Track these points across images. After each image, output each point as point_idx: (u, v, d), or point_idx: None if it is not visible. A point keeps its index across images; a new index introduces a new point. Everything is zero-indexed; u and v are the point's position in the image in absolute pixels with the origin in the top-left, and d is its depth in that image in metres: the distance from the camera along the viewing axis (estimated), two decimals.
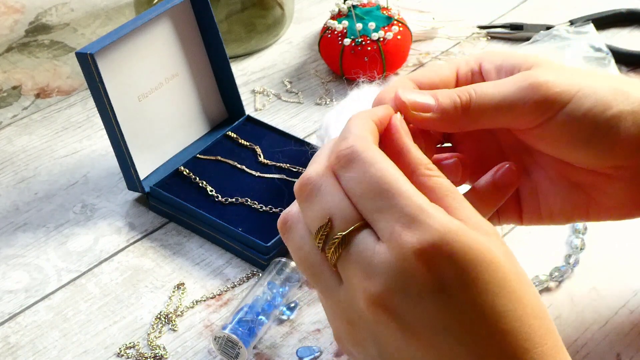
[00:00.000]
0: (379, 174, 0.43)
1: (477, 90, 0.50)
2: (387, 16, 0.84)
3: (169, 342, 0.61)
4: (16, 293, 0.65)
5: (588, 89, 0.50)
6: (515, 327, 0.41)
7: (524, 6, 0.97)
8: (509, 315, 0.41)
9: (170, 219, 0.71)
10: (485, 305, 0.41)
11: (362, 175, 0.43)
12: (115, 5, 0.98)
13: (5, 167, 0.77)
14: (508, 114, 0.50)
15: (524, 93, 0.50)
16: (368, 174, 0.43)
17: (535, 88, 0.50)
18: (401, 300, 0.41)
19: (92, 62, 0.65)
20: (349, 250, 0.43)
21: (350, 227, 0.43)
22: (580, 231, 0.67)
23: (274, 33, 0.90)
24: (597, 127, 0.50)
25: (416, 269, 0.41)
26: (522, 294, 0.42)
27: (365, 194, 0.43)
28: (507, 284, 0.41)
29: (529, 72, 0.51)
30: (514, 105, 0.50)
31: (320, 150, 0.47)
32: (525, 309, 0.42)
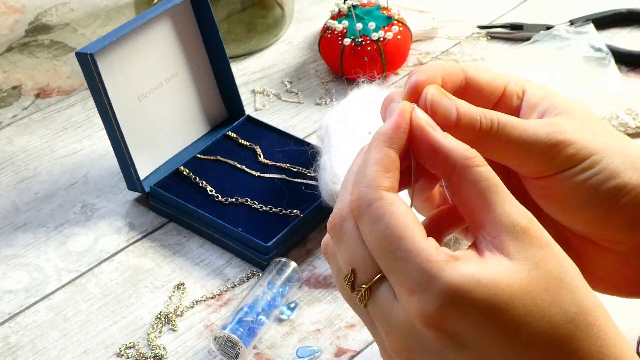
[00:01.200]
0: (385, 232, 0.42)
1: (501, 121, 0.48)
2: (387, 16, 0.84)
3: (169, 342, 0.61)
4: (16, 293, 0.65)
5: (602, 154, 0.48)
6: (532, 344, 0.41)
7: (524, 6, 0.97)
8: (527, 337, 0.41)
9: (170, 219, 0.71)
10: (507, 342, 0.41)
11: (371, 230, 0.43)
12: (115, 5, 0.98)
13: (5, 167, 0.77)
14: (521, 157, 0.49)
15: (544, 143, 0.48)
16: (375, 231, 0.43)
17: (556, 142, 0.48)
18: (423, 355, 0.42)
19: (92, 62, 0.65)
20: (374, 300, 0.44)
21: (370, 280, 0.43)
22: None
23: (274, 33, 0.90)
24: (596, 193, 0.48)
25: (426, 334, 0.41)
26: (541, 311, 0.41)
27: (376, 251, 0.43)
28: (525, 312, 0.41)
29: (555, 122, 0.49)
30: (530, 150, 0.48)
31: (347, 176, 0.47)
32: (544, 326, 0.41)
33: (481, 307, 0.40)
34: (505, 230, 0.42)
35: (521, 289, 0.41)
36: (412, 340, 0.42)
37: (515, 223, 0.42)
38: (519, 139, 0.48)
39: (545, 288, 0.41)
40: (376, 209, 0.43)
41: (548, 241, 0.42)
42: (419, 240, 0.42)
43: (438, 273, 0.41)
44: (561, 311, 0.41)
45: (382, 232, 0.42)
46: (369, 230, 0.43)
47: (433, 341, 0.41)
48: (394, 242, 0.42)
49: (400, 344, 0.43)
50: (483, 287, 0.40)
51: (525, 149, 0.48)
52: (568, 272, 0.42)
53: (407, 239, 0.42)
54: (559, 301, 0.41)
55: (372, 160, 0.44)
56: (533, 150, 0.48)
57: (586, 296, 0.42)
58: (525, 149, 0.48)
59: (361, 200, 0.43)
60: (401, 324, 0.42)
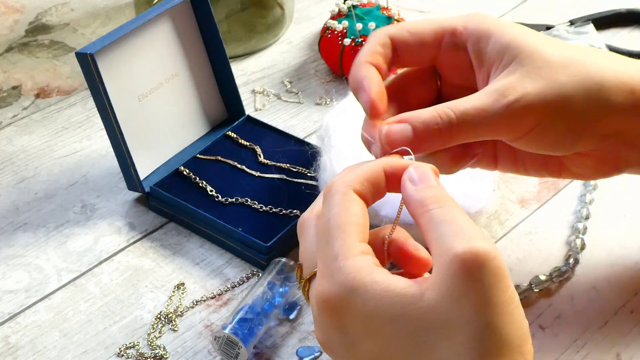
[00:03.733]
0: (330, 218, 0.47)
1: (456, 112, 0.51)
2: (387, 16, 0.84)
3: (169, 342, 0.61)
4: (16, 293, 0.65)
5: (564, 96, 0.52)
6: None
7: (524, 6, 0.97)
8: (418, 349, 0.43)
9: (170, 219, 0.71)
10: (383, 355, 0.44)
11: (323, 213, 0.47)
12: (115, 5, 0.98)
13: (5, 167, 0.76)
14: (488, 134, 0.53)
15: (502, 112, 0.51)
16: (326, 214, 0.47)
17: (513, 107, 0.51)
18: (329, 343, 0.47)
19: (92, 62, 0.65)
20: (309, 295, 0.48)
21: (310, 273, 0.48)
22: (580, 231, 0.67)
23: (274, 33, 0.90)
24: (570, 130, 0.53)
25: (326, 318, 0.45)
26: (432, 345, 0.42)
27: (318, 233, 0.48)
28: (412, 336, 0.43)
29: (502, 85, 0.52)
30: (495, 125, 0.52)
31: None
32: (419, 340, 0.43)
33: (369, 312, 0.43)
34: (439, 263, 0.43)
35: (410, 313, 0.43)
36: (320, 327, 0.47)
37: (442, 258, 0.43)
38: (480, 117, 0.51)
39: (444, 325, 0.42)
40: (337, 198, 0.47)
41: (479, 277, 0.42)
42: (352, 239, 0.46)
43: (347, 268, 0.44)
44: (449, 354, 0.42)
45: (329, 218, 0.46)
46: (324, 212, 0.47)
47: (331, 330, 0.45)
48: (332, 228, 0.46)
49: (317, 332, 0.47)
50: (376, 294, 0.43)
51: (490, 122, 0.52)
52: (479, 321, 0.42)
53: (343, 231, 0.46)
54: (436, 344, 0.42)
55: (361, 167, 0.49)
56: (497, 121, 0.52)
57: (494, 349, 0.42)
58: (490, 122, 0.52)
59: (333, 187, 0.48)
60: (313, 311, 0.47)
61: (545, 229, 0.68)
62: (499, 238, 0.68)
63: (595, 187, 0.71)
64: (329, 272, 0.45)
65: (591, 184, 0.71)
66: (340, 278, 0.44)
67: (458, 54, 0.56)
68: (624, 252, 0.66)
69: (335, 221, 0.46)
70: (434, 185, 0.47)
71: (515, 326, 0.42)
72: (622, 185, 0.72)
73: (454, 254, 0.42)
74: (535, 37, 0.54)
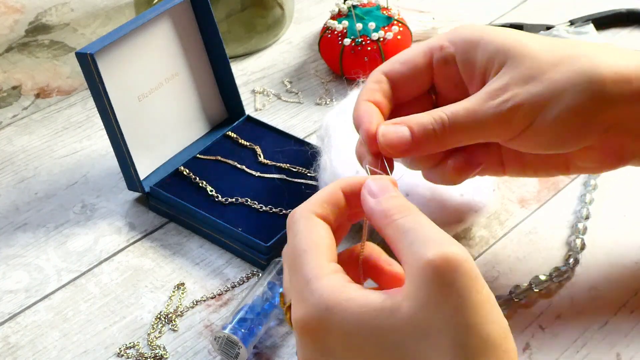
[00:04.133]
0: (296, 244, 0.47)
1: (450, 117, 0.53)
2: (387, 16, 0.84)
3: (169, 342, 0.61)
4: (16, 293, 0.65)
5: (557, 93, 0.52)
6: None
7: (524, 6, 0.97)
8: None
9: (170, 219, 0.71)
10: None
11: (288, 241, 0.48)
12: (115, 5, 0.98)
13: (5, 167, 0.77)
14: (482, 137, 0.54)
15: (492, 113, 0.52)
16: (289, 241, 0.48)
17: (502, 107, 0.52)
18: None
19: (92, 62, 0.65)
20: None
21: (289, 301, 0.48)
22: (580, 231, 0.67)
23: (274, 33, 0.90)
24: (567, 127, 0.53)
25: (303, 339, 0.46)
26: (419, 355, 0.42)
27: (286, 261, 0.48)
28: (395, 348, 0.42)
29: (493, 88, 0.53)
30: (487, 129, 0.53)
31: None
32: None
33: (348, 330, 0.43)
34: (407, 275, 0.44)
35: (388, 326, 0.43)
36: (300, 350, 0.46)
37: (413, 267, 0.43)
38: (473, 120, 0.52)
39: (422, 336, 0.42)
40: (301, 224, 0.47)
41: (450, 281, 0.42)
42: (321, 260, 0.46)
43: (319, 288, 0.44)
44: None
45: (294, 244, 0.47)
46: (289, 239, 0.48)
47: (312, 352, 0.45)
48: (298, 253, 0.46)
49: (299, 356, 0.47)
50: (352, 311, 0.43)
51: (484, 124, 0.53)
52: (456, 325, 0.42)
53: (309, 253, 0.46)
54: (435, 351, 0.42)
55: (320, 192, 0.50)
56: (491, 122, 0.52)
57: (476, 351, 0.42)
58: (484, 124, 0.53)
59: (292, 215, 0.48)
60: (295, 334, 0.47)
61: (545, 229, 0.68)
62: (499, 238, 0.68)
63: (595, 187, 0.71)
64: (302, 297, 0.45)
65: (591, 184, 0.71)
66: (315, 300, 0.44)
67: (449, 68, 0.57)
68: (624, 252, 0.66)
69: (302, 246, 0.46)
70: (395, 195, 0.47)
71: (495, 325, 0.42)
72: (622, 185, 0.72)
73: (425, 260, 0.42)
74: (525, 38, 0.54)
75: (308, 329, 0.45)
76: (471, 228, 0.68)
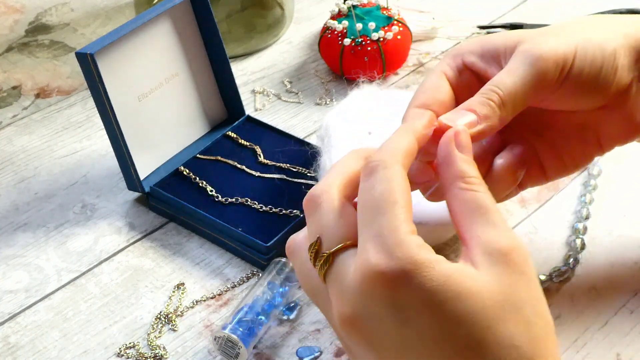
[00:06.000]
0: (382, 191, 0.45)
1: (499, 85, 0.52)
2: (387, 16, 0.84)
3: (169, 342, 0.61)
4: (16, 293, 0.65)
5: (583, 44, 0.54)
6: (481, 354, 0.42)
7: (523, 6, 0.97)
8: (477, 343, 0.42)
9: (170, 219, 0.71)
10: (445, 332, 0.42)
11: (372, 187, 0.45)
12: (115, 5, 0.98)
13: (5, 167, 0.77)
14: (532, 93, 0.53)
15: (538, 69, 0.53)
16: (375, 188, 0.45)
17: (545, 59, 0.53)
18: (367, 321, 0.43)
19: (92, 62, 0.65)
20: (332, 270, 0.45)
21: (335, 246, 0.45)
22: (580, 231, 0.67)
23: (274, 33, 0.90)
24: (599, 76, 0.54)
25: (376, 290, 0.43)
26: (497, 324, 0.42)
27: (364, 208, 0.45)
28: (478, 313, 0.42)
29: (527, 49, 0.53)
30: (534, 82, 0.53)
31: (332, 167, 0.50)
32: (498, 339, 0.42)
33: (433, 288, 0.42)
34: (480, 249, 0.44)
35: (477, 290, 0.42)
36: (361, 302, 0.43)
37: (493, 247, 0.44)
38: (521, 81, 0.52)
39: (502, 306, 0.42)
40: (392, 172, 0.46)
41: (525, 270, 0.44)
42: (408, 214, 0.45)
43: (408, 244, 0.43)
44: (508, 334, 0.42)
45: (385, 190, 0.45)
46: (371, 186, 0.45)
47: (380, 306, 0.43)
48: (387, 201, 0.44)
49: (349, 308, 0.44)
50: (440, 272, 0.42)
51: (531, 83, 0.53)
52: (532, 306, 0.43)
53: (399, 207, 0.44)
54: (510, 325, 0.42)
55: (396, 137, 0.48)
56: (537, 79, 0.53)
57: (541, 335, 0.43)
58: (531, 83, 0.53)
59: (377, 162, 0.46)
60: (355, 285, 0.43)
61: (545, 229, 0.68)
62: None
63: (595, 187, 0.71)
64: (385, 246, 0.43)
65: (591, 184, 0.71)
66: (402, 253, 0.42)
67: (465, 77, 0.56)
68: (624, 252, 0.66)
69: (393, 196, 0.45)
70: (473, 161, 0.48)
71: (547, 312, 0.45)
72: (622, 185, 0.72)
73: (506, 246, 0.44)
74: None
75: (385, 279, 0.42)
76: None
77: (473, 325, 0.42)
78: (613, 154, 0.62)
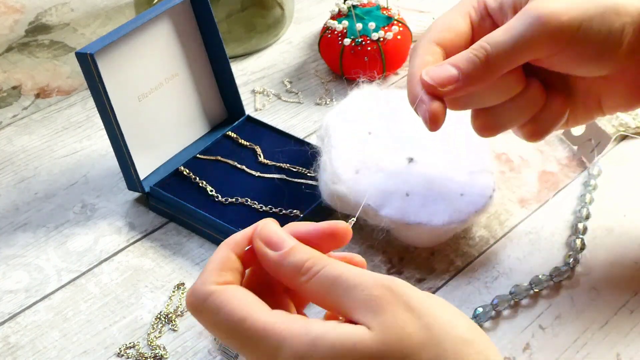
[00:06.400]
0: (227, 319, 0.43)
1: (490, 42, 0.54)
2: (387, 16, 0.84)
3: (169, 342, 0.61)
4: (16, 293, 0.65)
5: (592, 10, 0.54)
6: None
7: None
8: None
9: (170, 219, 0.71)
10: None
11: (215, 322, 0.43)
12: (115, 5, 0.98)
13: (5, 167, 0.77)
14: (525, 53, 0.54)
15: (535, 30, 0.53)
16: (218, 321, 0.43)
17: (544, 22, 0.53)
18: None
19: (92, 62, 0.65)
20: None
21: None
22: (580, 231, 0.67)
23: (274, 33, 0.90)
24: (605, 43, 0.54)
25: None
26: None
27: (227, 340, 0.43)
28: None
29: (532, 7, 0.54)
30: (528, 44, 0.54)
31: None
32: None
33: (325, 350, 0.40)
34: (360, 308, 0.42)
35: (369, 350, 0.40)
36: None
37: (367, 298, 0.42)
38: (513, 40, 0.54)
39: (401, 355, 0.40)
40: (212, 302, 0.43)
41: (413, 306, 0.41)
42: (263, 316, 0.42)
43: (283, 341, 0.41)
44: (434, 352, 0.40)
45: (225, 321, 0.42)
46: (213, 323, 0.43)
47: None
48: (238, 325, 0.42)
49: None
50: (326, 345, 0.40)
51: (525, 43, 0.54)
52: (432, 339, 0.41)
53: (249, 318, 0.42)
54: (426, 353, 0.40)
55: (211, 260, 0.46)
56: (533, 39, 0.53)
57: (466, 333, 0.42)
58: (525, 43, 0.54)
59: (195, 297, 0.44)
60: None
61: (545, 229, 0.68)
62: (499, 238, 0.68)
63: (595, 187, 0.71)
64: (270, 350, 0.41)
65: (591, 184, 0.71)
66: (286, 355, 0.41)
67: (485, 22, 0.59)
68: (624, 252, 0.66)
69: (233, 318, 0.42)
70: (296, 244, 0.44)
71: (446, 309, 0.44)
72: (622, 185, 0.72)
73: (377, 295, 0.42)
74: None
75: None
76: (471, 228, 0.68)
77: None
78: (613, 154, 0.62)
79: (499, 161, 0.74)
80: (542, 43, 0.54)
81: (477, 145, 0.68)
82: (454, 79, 0.54)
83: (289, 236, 0.45)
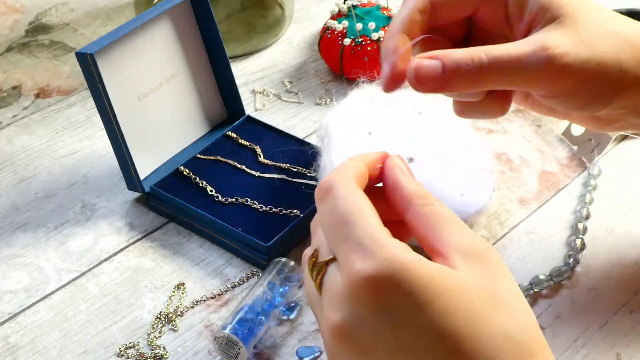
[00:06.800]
0: (345, 205, 0.45)
1: (488, 54, 0.51)
2: (387, 16, 0.84)
3: (169, 342, 0.61)
4: (16, 293, 0.65)
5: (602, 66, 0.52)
6: (479, 348, 0.41)
7: None
8: (473, 337, 0.42)
9: (170, 219, 0.71)
10: (440, 328, 0.42)
11: (333, 205, 0.46)
12: (115, 5, 0.98)
13: (5, 167, 0.77)
14: (520, 79, 0.52)
15: (540, 64, 0.51)
16: (336, 206, 0.45)
17: (554, 62, 0.51)
18: (357, 327, 0.43)
19: (92, 62, 0.65)
20: (325, 280, 0.46)
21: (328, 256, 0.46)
22: (580, 231, 0.67)
23: (274, 33, 0.90)
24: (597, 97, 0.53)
25: (366, 296, 0.43)
26: (488, 317, 0.42)
27: (331, 225, 0.46)
28: (469, 308, 0.42)
29: (544, 39, 0.52)
30: (526, 72, 0.51)
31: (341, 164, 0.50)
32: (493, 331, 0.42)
33: (422, 285, 0.42)
34: (457, 253, 0.44)
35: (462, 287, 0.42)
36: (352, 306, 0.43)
37: (468, 249, 0.44)
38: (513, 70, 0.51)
39: (489, 301, 0.43)
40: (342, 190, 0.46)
41: (502, 268, 0.45)
42: (374, 221, 0.44)
43: (390, 246, 0.43)
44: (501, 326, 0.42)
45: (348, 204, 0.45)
46: (332, 204, 0.46)
47: (371, 311, 0.42)
48: (351, 212, 0.45)
49: (339, 317, 0.43)
50: (426, 270, 0.42)
51: (524, 70, 0.51)
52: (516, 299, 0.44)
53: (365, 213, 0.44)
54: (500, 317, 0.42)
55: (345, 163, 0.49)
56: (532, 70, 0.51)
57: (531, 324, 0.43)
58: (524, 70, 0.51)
59: (328, 183, 0.46)
60: (343, 293, 0.43)
61: (545, 229, 0.68)
62: (499, 238, 0.68)
63: (595, 187, 0.71)
64: (369, 252, 0.43)
65: (591, 184, 0.71)
66: (387, 255, 0.42)
67: (497, 8, 0.56)
68: (624, 252, 0.66)
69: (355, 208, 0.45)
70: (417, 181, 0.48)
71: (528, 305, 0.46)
72: (622, 185, 0.72)
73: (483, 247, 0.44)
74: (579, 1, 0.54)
75: (374, 283, 0.42)
76: (471, 228, 0.68)
77: (466, 320, 0.42)
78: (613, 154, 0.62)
79: (499, 161, 0.74)
80: (539, 79, 0.52)
81: (477, 145, 0.68)
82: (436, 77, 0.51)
83: None
